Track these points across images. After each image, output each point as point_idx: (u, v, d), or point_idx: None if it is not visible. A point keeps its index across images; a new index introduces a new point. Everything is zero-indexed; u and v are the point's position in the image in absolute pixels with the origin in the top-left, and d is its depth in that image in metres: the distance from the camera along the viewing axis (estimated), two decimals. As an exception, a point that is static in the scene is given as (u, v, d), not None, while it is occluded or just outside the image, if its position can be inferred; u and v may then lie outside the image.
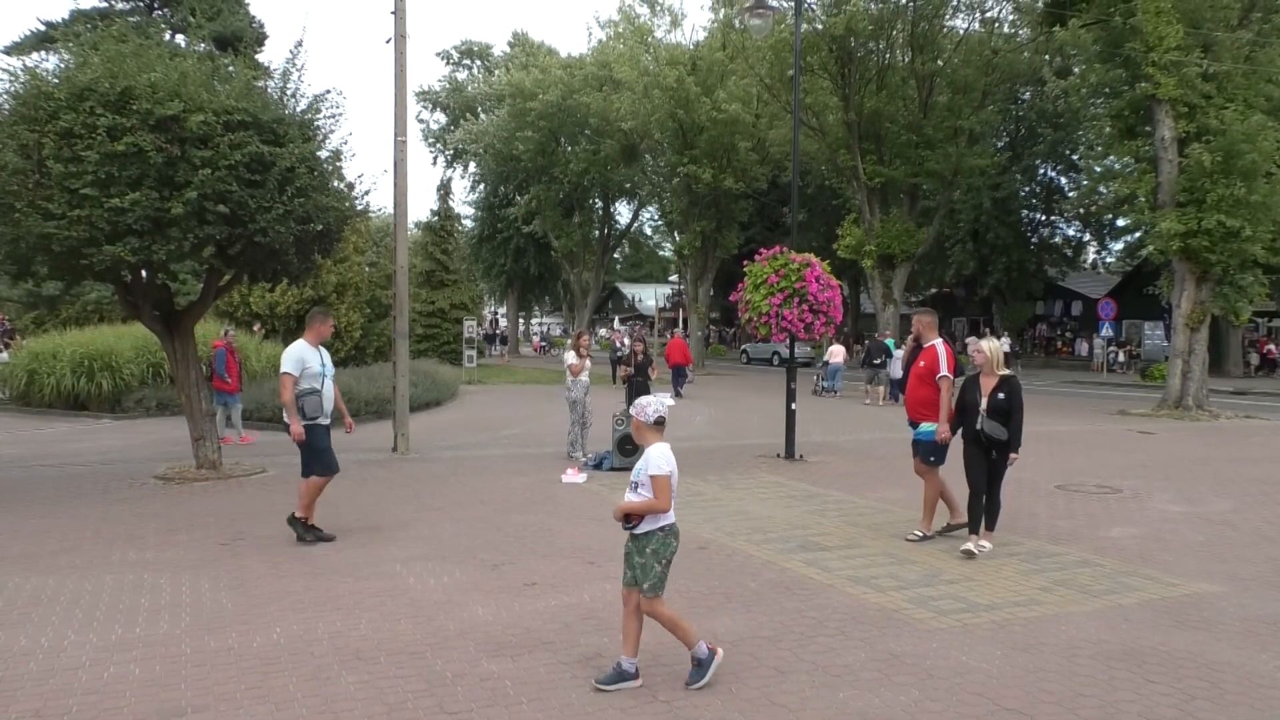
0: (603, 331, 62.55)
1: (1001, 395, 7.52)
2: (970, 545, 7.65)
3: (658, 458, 4.73)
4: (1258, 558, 7.71)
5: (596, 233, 49.12)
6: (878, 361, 24.60)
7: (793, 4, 16.81)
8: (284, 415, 8.04)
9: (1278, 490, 11.05)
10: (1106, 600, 6.40)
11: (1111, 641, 5.55)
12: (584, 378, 13.04)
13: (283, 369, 7.89)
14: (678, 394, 24.96)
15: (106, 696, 4.64)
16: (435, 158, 57.78)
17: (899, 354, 25.03)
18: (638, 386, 13.96)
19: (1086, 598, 6.43)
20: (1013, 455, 7.53)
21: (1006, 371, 7.70)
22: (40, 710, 4.48)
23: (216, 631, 5.61)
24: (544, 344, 63.46)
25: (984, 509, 7.78)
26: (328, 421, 8.09)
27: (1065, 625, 5.81)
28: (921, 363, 8.39)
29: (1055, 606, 6.23)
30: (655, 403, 4.94)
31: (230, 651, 5.28)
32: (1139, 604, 6.33)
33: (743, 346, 49.78)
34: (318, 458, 7.98)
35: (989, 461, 7.71)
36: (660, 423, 4.91)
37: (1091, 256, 51.77)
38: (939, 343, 8.36)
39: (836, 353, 26.50)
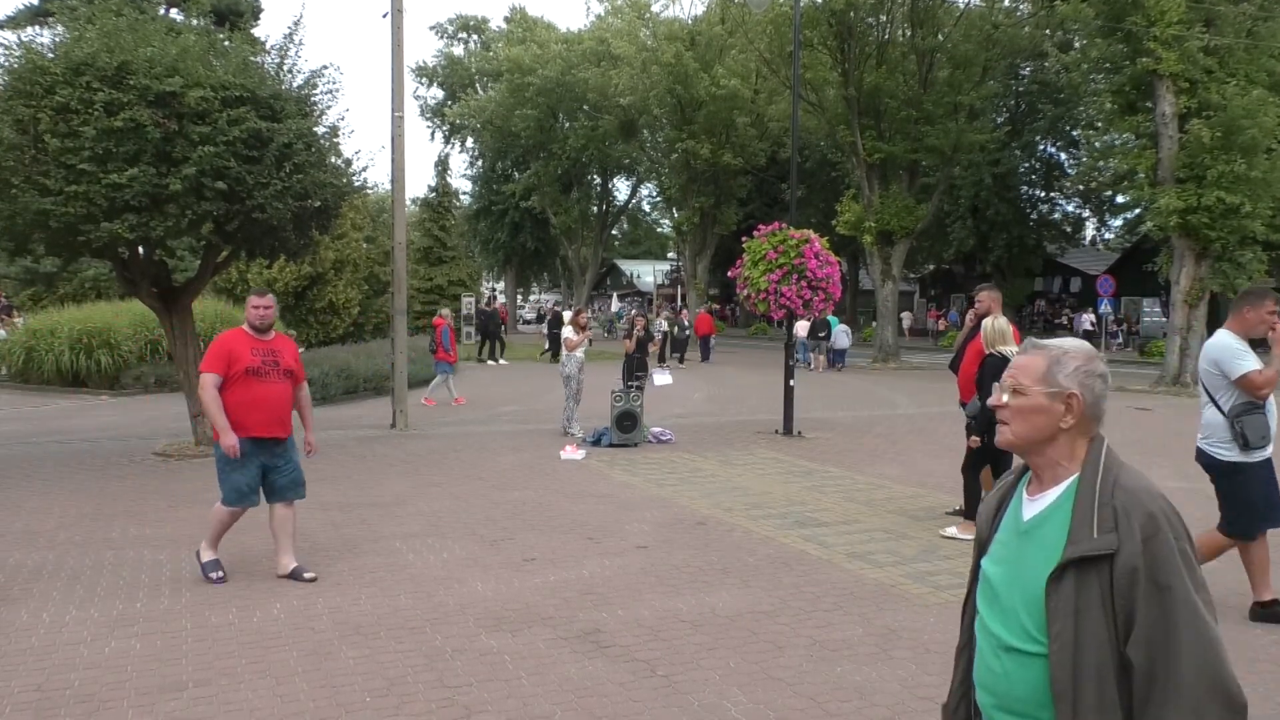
0: (616, 307, 60.89)
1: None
2: (953, 529, 7.48)
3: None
4: (1253, 533, 7.73)
5: (595, 209, 48.95)
6: (822, 335, 26.92)
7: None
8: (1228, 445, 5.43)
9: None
10: (1102, 575, 6.42)
11: (1106, 616, 5.57)
12: (579, 353, 13.13)
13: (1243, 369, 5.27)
14: (706, 359, 29.78)
15: (108, 671, 4.68)
16: (433, 133, 57.53)
17: (841, 328, 27.24)
18: (635, 361, 13.97)
19: (1082, 573, 6.44)
20: (971, 439, 7.27)
21: (994, 351, 7.11)
22: (42, 685, 4.51)
23: (217, 607, 5.64)
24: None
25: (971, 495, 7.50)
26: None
27: (1061, 600, 5.82)
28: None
29: (1051, 582, 6.25)
30: None
31: (231, 626, 5.31)
32: (1134, 579, 6.35)
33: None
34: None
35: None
36: None
37: (1091, 233, 51.67)
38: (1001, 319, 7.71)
39: (800, 327, 26.87)
